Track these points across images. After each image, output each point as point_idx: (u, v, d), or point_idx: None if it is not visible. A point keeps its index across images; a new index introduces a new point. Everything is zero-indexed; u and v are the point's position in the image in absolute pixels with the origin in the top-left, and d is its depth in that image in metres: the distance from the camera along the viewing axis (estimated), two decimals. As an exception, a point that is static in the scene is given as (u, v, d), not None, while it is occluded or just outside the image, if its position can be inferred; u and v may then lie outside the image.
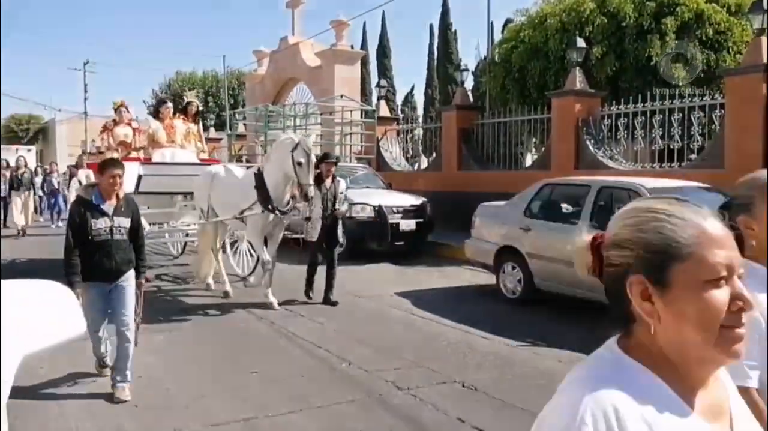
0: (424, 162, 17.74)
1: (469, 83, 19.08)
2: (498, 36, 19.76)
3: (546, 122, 13.30)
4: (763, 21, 9.92)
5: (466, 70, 17.24)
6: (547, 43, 13.88)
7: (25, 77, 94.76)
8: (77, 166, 17.29)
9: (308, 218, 8.09)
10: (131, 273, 5.07)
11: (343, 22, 19.81)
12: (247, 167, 9.69)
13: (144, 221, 9.86)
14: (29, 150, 36.92)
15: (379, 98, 19.26)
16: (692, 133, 10.93)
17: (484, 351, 6.17)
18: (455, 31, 33.98)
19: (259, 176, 7.74)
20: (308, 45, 21.36)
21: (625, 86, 13.07)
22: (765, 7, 9.81)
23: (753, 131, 9.62)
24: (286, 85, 22.86)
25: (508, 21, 23.62)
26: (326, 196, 8.06)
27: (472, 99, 17.09)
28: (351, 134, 17.78)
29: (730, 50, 12.94)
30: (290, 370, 5.60)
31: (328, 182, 8.13)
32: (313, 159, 7.46)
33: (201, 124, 10.89)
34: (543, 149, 14.34)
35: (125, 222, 4.99)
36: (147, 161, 9.63)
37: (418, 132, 18.44)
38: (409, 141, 18.04)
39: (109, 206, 4.94)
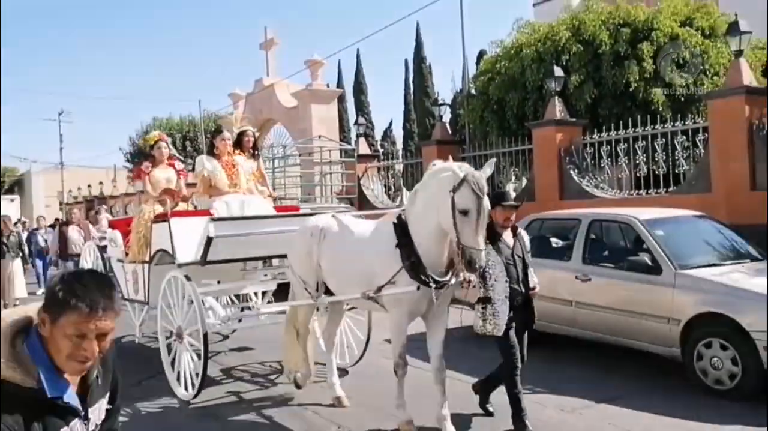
0: (406, 197, 17.51)
1: (446, 116, 19.00)
2: (473, 68, 19.72)
3: (527, 153, 13.12)
4: (740, 43, 9.85)
5: (444, 104, 17.16)
6: (524, 73, 13.76)
7: None
8: (68, 222, 14.69)
9: (486, 300, 5.04)
10: None
11: (317, 61, 19.69)
12: (371, 216, 6.58)
13: (216, 305, 7.91)
14: (12, 200, 34.18)
15: (358, 136, 19.09)
16: (677, 158, 10.77)
17: (481, 403, 5.80)
18: (430, 64, 34.10)
19: (401, 229, 5.02)
20: (284, 86, 21.21)
21: (605, 113, 12.94)
22: (742, 30, 9.75)
23: (738, 153, 9.48)
24: (263, 127, 22.59)
25: (482, 53, 23.70)
26: (511, 260, 5.15)
27: (450, 132, 16.94)
28: (331, 173, 17.54)
29: (707, 73, 12.88)
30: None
31: (507, 236, 5.23)
32: (487, 206, 4.63)
33: (261, 159, 8.10)
34: (525, 180, 14.15)
35: (103, 408, 2.14)
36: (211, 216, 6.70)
37: (399, 167, 18.25)
38: (390, 177, 17.80)
39: (71, 391, 1.96)
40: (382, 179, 17.77)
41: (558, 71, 12.45)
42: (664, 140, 10.85)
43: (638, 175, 11.38)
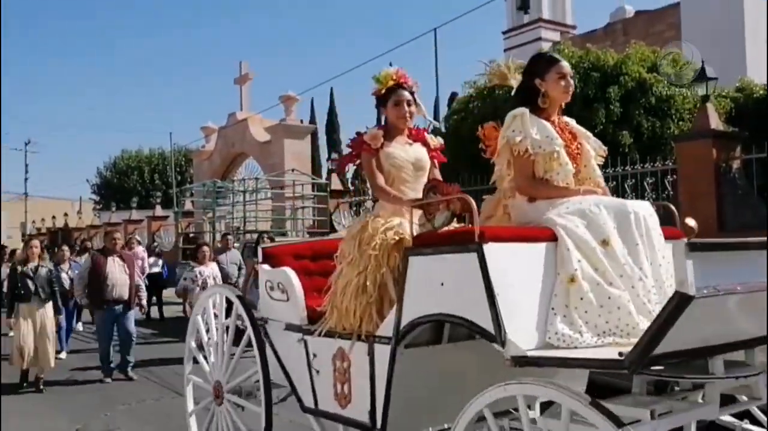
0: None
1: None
2: (443, 109, 20.04)
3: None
4: (707, 89, 10.19)
5: (417, 142, 17.33)
6: (497, 113, 13.96)
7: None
8: (105, 251, 8.72)
9: None
10: None
11: (291, 96, 19.81)
12: None
13: None
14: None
15: (329, 172, 19.16)
16: (646, 198, 10.98)
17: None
18: (402, 104, 34.53)
19: None
20: (257, 120, 21.24)
21: (575, 154, 13.17)
22: (708, 76, 10.10)
23: (707, 194, 9.71)
24: (234, 161, 22.55)
25: (453, 94, 24.10)
26: None
27: (423, 170, 17.07)
28: (303, 207, 17.52)
29: (673, 117, 13.25)
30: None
31: None
32: None
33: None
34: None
35: None
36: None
37: (370, 204, 18.29)
38: (362, 213, 17.82)
39: None
40: (353, 215, 17.79)
41: (530, 112, 12.66)
42: (633, 180, 11.07)
43: (609, 215, 11.52)
